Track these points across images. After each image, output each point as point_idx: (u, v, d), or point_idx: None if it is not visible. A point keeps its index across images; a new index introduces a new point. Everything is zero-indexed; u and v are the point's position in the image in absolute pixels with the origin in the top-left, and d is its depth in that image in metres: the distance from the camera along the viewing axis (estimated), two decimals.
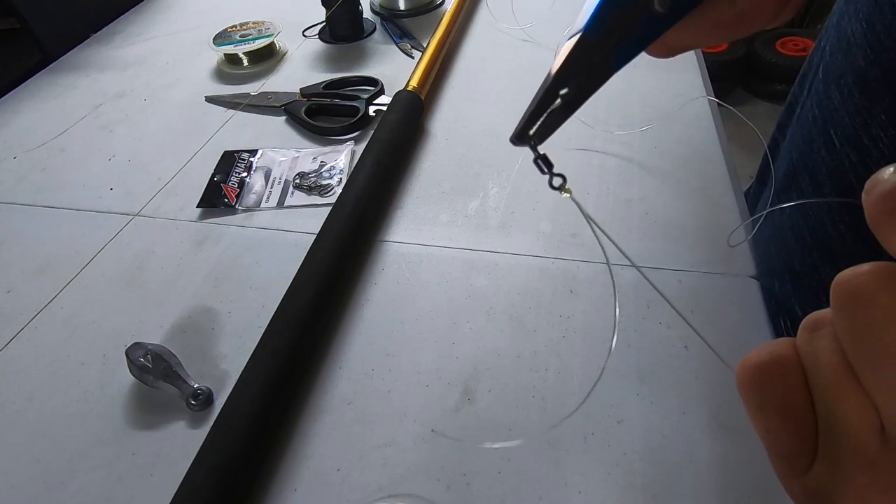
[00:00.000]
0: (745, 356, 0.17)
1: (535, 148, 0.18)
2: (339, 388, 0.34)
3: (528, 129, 0.17)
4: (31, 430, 0.34)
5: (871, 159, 0.29)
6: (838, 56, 0.34)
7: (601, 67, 0.17)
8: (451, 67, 0.63)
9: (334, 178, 0.48)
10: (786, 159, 0.41)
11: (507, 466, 0.30)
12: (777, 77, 1.95)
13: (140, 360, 0.34)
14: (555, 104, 0.17)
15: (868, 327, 0.13)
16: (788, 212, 0.37)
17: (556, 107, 0.17)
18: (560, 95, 0.17)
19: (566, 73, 0.17)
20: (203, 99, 0.60)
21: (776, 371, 0.16)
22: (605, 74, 0.17)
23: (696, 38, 0.19)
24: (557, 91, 0.17)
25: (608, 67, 0.17)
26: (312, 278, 0.37)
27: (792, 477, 0.16)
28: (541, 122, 0.17)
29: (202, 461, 0.29)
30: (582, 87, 0.17)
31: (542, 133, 0.18)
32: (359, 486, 0.30)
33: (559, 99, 0.17)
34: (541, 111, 0.17)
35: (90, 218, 0.47)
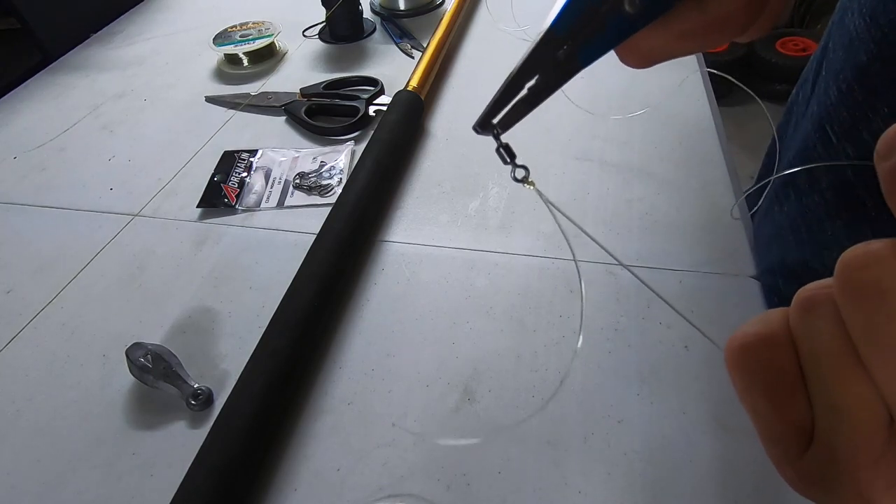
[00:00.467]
0: (734, 334, 0.15)
1: (499, 137, 0.18)
2: (339, 388, 0.34)
3: (492, 117, 0.17)
4: (31, 430, 0.34)
5: (871, 154, 0.29)
6: (839, 52, 0.34)
7: (567, 63, 0.17)
8: (451, 67, 0.63)
9: (334, 178, 0.48)
10: (784, 159, 0.41)
11: (507, 466, 0.30)
12: (777, 77, 1.95)
13: (140, 360, 0.34)
14: (520, 95, 0.17)
15: (886, 317, 0.12)
16: (787, 210, 0.37)
17: (521, 98, 0.17)
18: (527, 87, 0.17)
19: (532, 65, 0.17)
20: (203, 99, 0.60)
21: (765, 352, 0.15)
22: (571, 70, 0.17)
23: (667, 45, 0.19)
24: (523, 82, 0.17)
25: (574, 64, 0.17)
26: (312, 278, 0.37)
27: (785, 463, 0.15)
28: (505, 112, 0.17)
29: (202, 461, 0.29)
30: (548, 81, 0.17)
31: (505, 123, 0.18)
32: (359, 486, 0.30)
33: (525, 90, 0.17)
34: (506, 101, 0.17)
35: (90, 218, 0.47)
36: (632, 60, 0.20)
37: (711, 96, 0.54)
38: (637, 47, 0.19)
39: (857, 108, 0.31)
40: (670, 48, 0.19)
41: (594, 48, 0.17)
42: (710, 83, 0.57)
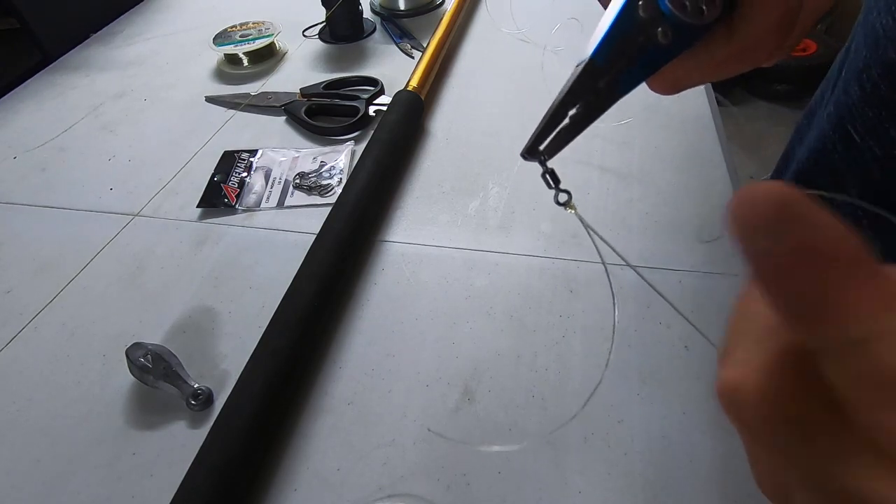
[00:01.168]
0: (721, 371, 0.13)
1: (545, 163, 0.19)
2: (339, 388, 0.34)
3: (539, 144, 0.18)
4: (31, 430, 0.34)
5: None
6: (863, 52, 0.33)
7: (607, 91, 0.17)
8: (451, 67, 0.63)
9: (334, 178, 0.48)
10: (794, 162, 0.41)
11: (507, 466, 0.30)
12: (777, 77, 1.95)
13: (140, 360, 0.34)
14: (564, 123, 0.18)
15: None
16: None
17: (564, 125, 0.18)
18: (569, 115, 0.18)
19: (575, 93, 0.17)
20: (203, 99, 0.60)
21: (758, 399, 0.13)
22: (611, 98, 0.18)
23: (698, 73, 0.19)
24: (567, 110, 0.17)
25: (614, 92, 0.18)
26: (312, 278, 0.37)
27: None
28: (550, 139, 0.18)
29: (202, 461, 0.29)
30: (589, 108, 0.18)
31: (551, 149, 0.18)
32: (359, 486, 0.30)
33: (568, 119, 0.17)
34: (551, 128, 0.18)
35: (90, 218, 0.47)
36: (660, 88, 0.20)
37: (711, 96, 0.54)
38: (666, 76, 0.19)
39: (883, 106, 0.31)
40: (699, 76, 0.19)
41: (632, 76, 0.18)
42: (710, 83, 0.57)
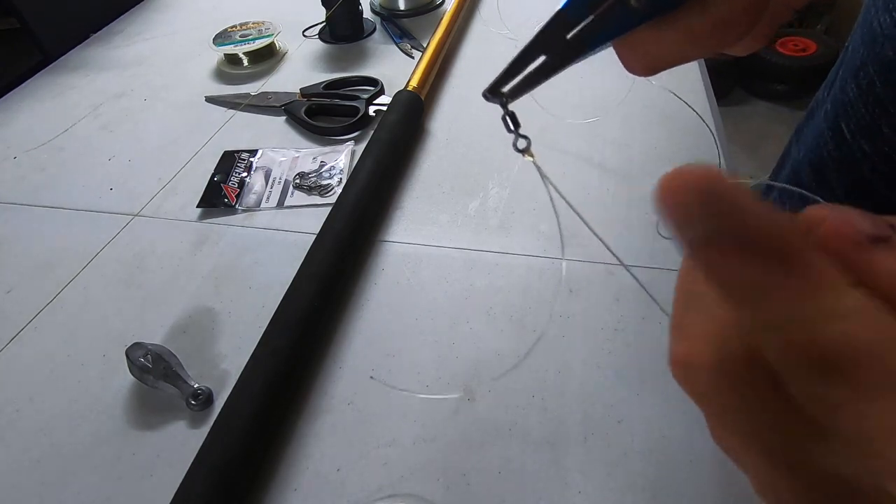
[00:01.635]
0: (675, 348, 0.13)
1: (506, 105, 0.19)
2: (339, 388, 0.34)
3: (502, 85, 0.18)
4: (31, 430, 0.34)
5: (890, 147, 0.29)
6: (861, 50, 0.34)
7: (576, 45, 0.17)
8: (451, 67, 0.63)
9: (334, 178, 0.48)
10: (790, 161, 0.41)
11: (507, 466, 0.30)
12: (777, 77, 1.95)
13: (140, 360, 0.34)
14: (530, 69, 0.18)
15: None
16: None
17: (530, 71, 0.18)
18: (537, 63, 0.18)
19: (544, 42, 0.17)
20: (203, 99, 0.60)
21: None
22: (578, 52, 0.18)
23: (673, 48, 0.19)
24: (533, 57, 0.18)
25: (582, 46, 0.18)
26: (312, 278, 0.37)
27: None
28: (515, 83, 0.18)
29: (202, 461, 0.29)
30: (555, 60, 0.18)
31: (513, 92, 0.18)
32: (359, 486, 0.30)
33: (534, 66, 0.18)
34: (516, 71, 0.18)
35: (90, 218, 0.47)
36: (636, 65, 0.20)
37: (711, 96, 0.54)
38: (640, 52, 0.19)
39: (877, 103, 0.31)
40: (672, 53, 0.19)
41: (601, 35, 0.18)
42: (710, 83, 0.57)
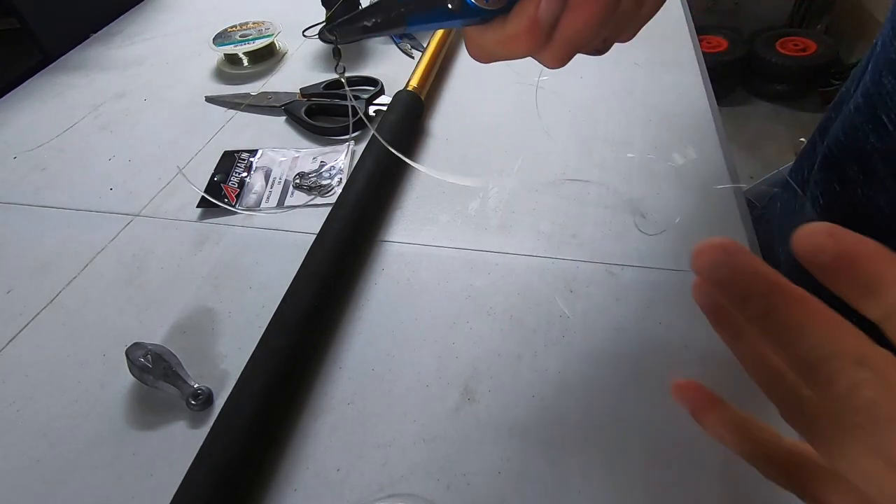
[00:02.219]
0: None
1: (337, 42, 0.21)
2: (339, 388, 0.34)
3: (340, 27, 0.21)
4: (31, 430, 0.34)
5: None
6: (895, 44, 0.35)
7: (396, 21, 0.20)
8: (451, 67, 0.63)
9: (334, 178, 0.48)
10: (819, 154, 0.42)
11: (506, 466, 0.30)
12: (777, 77, 1.95)
13: (140, 360, 0.34)
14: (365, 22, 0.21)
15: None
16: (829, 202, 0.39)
17: (363, 24, 0.21)
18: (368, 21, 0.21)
19: (374, 9, 0.20)
20: (203, 99, 0.60)
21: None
22: (398, 27, 0.21)
23: (491, 47, 0.23)
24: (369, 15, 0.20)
25: (401, 24, 0.21)
26: (312, 278, 0.37)
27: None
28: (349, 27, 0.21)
29: (202, 461, 0.29)
30: (379, 26, 0.21)
31: (345, 34, 0.21)
32: (359, 486, 0.30)
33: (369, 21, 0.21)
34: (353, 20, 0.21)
35: (90, 218, 0.47)
36: (471, 52, 0.24)
37: (711, 96, 0.54)
38: (472, 44, 0.23)
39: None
40: (494, 51, 0.23)
41: (420, 22, 0.21)
42: (710, 83, 0.57)
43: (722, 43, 1.98)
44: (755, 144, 1.87)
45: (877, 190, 0.35)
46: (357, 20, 0.20)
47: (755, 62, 1.97)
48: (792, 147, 1.81)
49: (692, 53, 0.60)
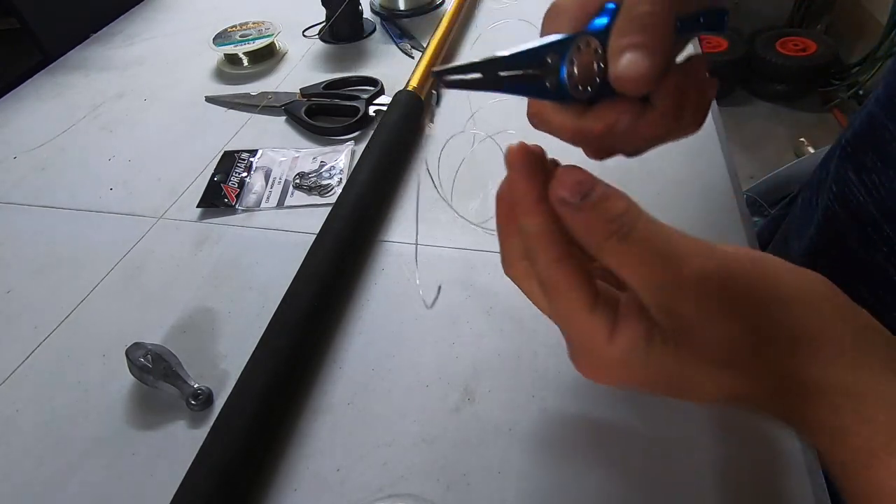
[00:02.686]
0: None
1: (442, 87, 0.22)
2: (339, 388, 0.34)
3: (449, 74, 0.21)
4: (31, 429, 0.34)
5: None
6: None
7: (495, 83, 0.21)
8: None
9: (334, 178, 0.48)
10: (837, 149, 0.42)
11: (506, 467, 0.30)
12: (777, 77, 1.95)
13: (140, 360, 0.34)
14: (469, 76, 0.21)
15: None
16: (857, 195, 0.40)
17: (468, 77, 0.21)
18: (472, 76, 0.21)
19: (479, 67, 0.21)
20: (203, 99, 0.60)
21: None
22: (496, 88, 0.21)
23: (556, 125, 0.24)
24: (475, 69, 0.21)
25: (500, 87, 0.21)
26: (312, 278, 0.37)
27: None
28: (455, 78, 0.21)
29: (202, 461, 0.29)
30: (485, 82, 0.21)
31: (452, 84, 0.21)
32: (359, 486, 0.30)
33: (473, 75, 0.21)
34: (461, 70, 0.21)
35: (90, 218, 0.47)
36: (533, 122, 0.25)
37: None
38: (542, 117, 0.25)
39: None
40: (556, 127, 0.24)
41: (518, 88, 0.22)
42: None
43: (722, 43, 1.98)
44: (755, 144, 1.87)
45: (893, 176, 0.36)
46: (461, 72, 0.21)
47: (755, 62, 1.97)
48: (792, 147, 1.81)
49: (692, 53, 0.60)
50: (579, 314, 0.21)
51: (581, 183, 0.20)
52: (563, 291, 0.21)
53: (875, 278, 0.37)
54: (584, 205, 0.20)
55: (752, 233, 0.41)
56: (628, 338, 0.20)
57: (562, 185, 0.20)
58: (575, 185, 0.20)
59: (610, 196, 0.20)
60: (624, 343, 0.20)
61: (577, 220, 0.20)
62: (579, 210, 0.20)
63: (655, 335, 0.19)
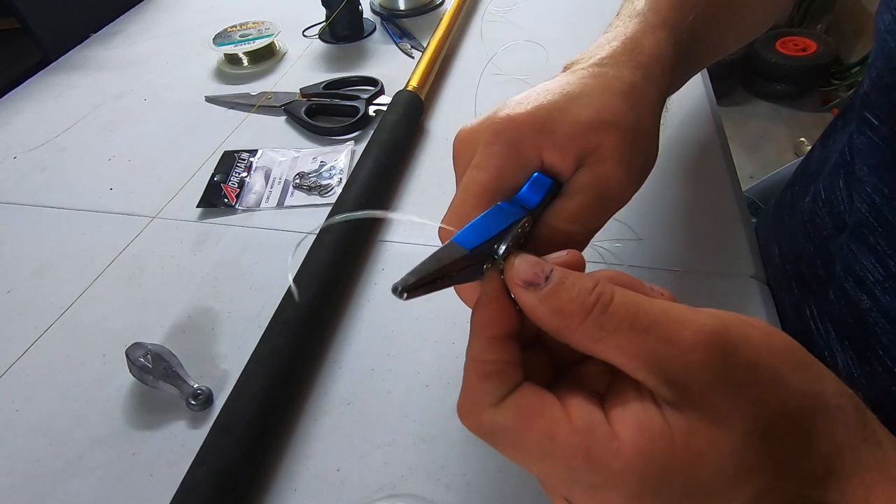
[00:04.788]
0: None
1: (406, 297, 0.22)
2: (339, 388, 0.34)
3: (411, 288, 0.21)
4: (31, 430, 0.34)
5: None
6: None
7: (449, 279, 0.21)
8: (451, 67, 0.63)
9: (334, 177, 0.48)
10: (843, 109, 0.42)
11: (507, 466, 0.30)
12: (777, 77, 1.95)
13: (140, 360, 0.34)
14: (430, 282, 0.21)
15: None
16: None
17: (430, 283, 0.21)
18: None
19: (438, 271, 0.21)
20: (203, 99, 0.60)
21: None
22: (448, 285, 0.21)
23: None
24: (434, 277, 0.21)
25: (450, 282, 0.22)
26: (312, 278, 0.37)
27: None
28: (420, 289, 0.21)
29: (202, 461, 0.29)
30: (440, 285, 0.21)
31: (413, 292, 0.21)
32: (359, 486, 0.30)
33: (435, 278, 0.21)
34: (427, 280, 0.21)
35: (90, 218, 0.47)
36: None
37: (711, 96, 0.54)
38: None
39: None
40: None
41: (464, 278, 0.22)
42: (710, 83, 0.56)
43: None
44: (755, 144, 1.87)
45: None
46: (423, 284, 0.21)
47: (755, 62, 1.97)
48: (792, 147, 1.81)
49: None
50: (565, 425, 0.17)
51: (538, 264, 0.19)
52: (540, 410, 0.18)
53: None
54: (552, 287, 0.18)
55: (751, 233, 0.41)
56: (638, 424, 0.17)
57: (523, 272, 0.19)
58: (536, 267, 0.19)
59: (571, 273, 0.19)
60: (633, 434, 0.17)
61: (549, 305, 0.18)
62: (551, 294, 0.18)
63: (668, 413, 0.17)
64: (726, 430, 0.16)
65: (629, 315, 0.17)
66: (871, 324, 0.31)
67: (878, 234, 0.32)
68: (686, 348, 0.17)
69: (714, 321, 0.17)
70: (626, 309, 0.17)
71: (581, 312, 0.18)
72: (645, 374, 0.17)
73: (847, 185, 0.36)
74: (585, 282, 0.18)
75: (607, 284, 0.18)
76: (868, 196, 0.32)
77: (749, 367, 0.17)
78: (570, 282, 0.18)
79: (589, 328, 0.18)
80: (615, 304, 0.18)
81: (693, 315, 0.17)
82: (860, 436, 0.17)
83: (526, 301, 0.19)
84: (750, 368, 0.17)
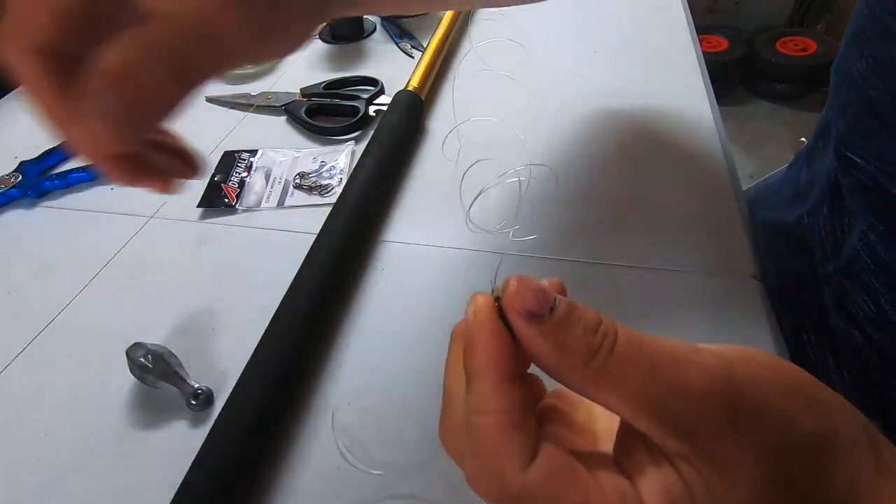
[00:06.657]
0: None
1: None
2: (339, 388, 0.34)
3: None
4: (31, 430, 0.34)
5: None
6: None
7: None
8: (451, 67, 0.63)
9: (334, 178, 0.48)
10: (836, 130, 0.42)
11: None
12: (777, 77, 1.95)
13: (140, 360, 0.34)
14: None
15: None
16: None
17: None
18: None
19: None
20: (203, 99, 0.60)
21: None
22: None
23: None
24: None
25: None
26: (312, 278, 0.37)
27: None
28: None
29: (202, 461, 0.29)
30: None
31: None
32: (359, 486, 0.30)
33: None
34: None
35: (90, 218, 0.47)
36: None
37: (711, 96, 0.54)
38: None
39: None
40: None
41: None
42: (710, 83, 0.57)
43: (722, 43, 1.98)
44: (755, 144, 1.87)
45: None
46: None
47: (755, 62, 1.97)
48: (792, 147, 1.81)
49: (692, 53, 0.60)
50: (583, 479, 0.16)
51: (541, 291, 0.17)
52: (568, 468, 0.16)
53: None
54: (557, 321, 0.16)
55: (751, 233, 0.41)
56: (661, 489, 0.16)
57: (527, 301, 0.17)
58: (540, 296, 0.17)
59: (576, 305, 0.17)
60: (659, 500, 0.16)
61: (552, 340, 0.16)
62: (556, 329, 0.16)
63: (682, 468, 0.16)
64: (740, 481, 0.16)
65: (633, 359, 0.16)
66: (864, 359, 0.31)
67: (871, 272, 0.32)
68: (692, 395, 0.16)
69: (720, 364, 0.16)
70: (631, 350, 0.16)
71: (586, 352, 0.16)
72: (648, 423, 0.16)
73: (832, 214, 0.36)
74: (590, 318, 0.17)
75: (609, 322, 0.17)
76: (863, 234, 0.32)
77: (757, 411, 0.16)
78: (575, 316, 0.17)
79: (592, 370, 0.16)
80: (620, 346, 0.16)
81: (698, 357, 0.17)
82: (875, 469, 0.17)
83: (526, 333, 0.17)
84: (758, 411, 0.16)
